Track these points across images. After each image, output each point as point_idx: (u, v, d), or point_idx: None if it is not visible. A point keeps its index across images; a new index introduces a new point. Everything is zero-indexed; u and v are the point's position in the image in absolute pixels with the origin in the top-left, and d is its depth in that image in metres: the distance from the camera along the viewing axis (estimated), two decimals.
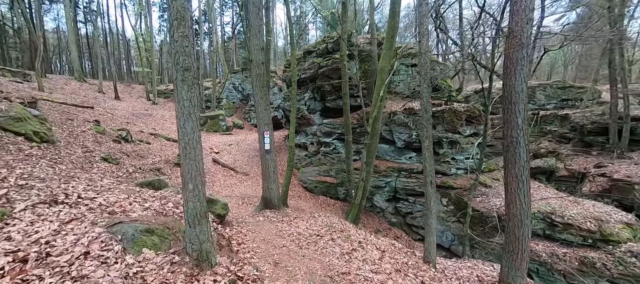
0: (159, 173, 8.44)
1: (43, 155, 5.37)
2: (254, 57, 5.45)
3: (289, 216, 5.81)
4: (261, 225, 4.90)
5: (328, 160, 12.33)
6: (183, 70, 2.67)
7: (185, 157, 2.78)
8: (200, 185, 2.88)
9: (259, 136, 5.87)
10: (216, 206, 4.42)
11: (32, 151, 5.35)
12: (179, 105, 2.72)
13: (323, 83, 12.46)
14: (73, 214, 2.90)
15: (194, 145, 2.80)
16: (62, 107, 12.52)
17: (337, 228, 5.45)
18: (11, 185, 3.46)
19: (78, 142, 7.91)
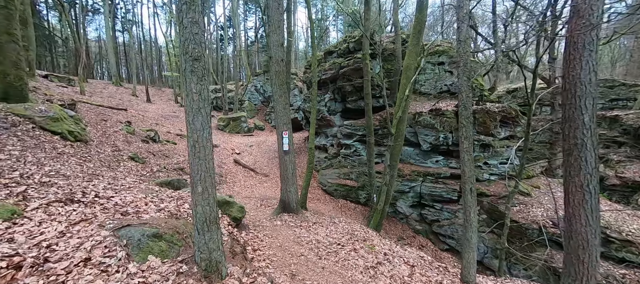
0: (181, 172, 8.50)
1: (74, 153, 5.49)
2: (273, 53, 5.20)
3: (307, 221, 5.46)
4: (278, 229, 4.59)
5: (348, 162, 11.86)
6: (192, 60, 2.41)
7: (194, 156, 2.52)
8: (210, 188, 2.61)
9: (278, 136, 5.60)
10: (232, 208, 4.18)
11: (65, 150, 5.48)
12: (188, 98, 2.47)
13: (344, 83, 12.05)
14: (84, 214, 2.75)
15: (204, 143, 2.54)
16: (99, 108, 13.24)
17: (359, 237, 5.01)
18: (35, 182, 3.44)
19: (109, 142, 8.16)
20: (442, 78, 10.96)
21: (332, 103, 13.00)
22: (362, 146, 11.49)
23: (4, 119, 5.63)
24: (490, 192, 8.48)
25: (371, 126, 9.27)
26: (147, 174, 6.60)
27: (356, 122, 11.61)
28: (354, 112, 12.61)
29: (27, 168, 3.62)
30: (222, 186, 9.64)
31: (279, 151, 5.70)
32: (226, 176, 10.96)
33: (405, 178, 9.68)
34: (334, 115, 13.04)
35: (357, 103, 12.27)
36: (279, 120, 5.63)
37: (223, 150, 14.23)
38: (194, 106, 2.47)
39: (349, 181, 11.18)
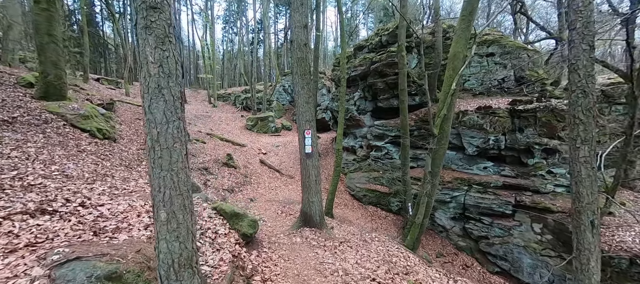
0: (206, 173, 8.25)
1: (95, 151, 5.36)
2: (295, 36, 4.43)
3: (333, 239, 4.57)
4: (298, 250, 3.84)
5: (379, 166, 10.83)
6: (147, 9, 1.65)
7: (154, 165, 1.75)
8: (181, 213, 1.83)
9: (299, 136, 4.83)
10: (242, 222, 3.52)
11: (88, 147, 5.37)
12: (142, 71, 1.73)
13: (375, 80, 11.04)
14: (37, 235, 2.19)
15: (169, 143, 1.76)
16: (138, 108, 13.82)
17: (399, 267, 4.05)
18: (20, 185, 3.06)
19: (139, 140, 8.18)
20: (492, 71, 9.44)
21: (362, 101, 12.05)
22: (394, 148, 10.39)
23: (38, 116, 5.68)
24: (557, 207, 6.91)
25: (406, 126, 8.18)
26: None
27: (388, 122, 10.54)
28: (385, 112, 11.54)
29: (31, 167, 3.35)
30: (246, 187, 9.26)
31: (301, 153, 4.92)
32: (251, 177, 10.61)
33: (445, 186, 8.42)
34: (363, 115, 12.08)
35: (389, 101, 11.18)
36: (300, 117, 4.78)
37: (250, 150, 14.03)
38: (151, 84, 1.69)
39: (379, 187, 10.16)
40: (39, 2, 6.87)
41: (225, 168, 9.82)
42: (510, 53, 9.10)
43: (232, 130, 17.86)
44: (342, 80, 8.55)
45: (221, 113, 21.99)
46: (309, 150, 4.61)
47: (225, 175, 9.09)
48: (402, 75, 8.04)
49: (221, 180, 8.30)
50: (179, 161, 1.83)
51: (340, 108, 8.58)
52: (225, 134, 16.03)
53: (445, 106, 5.72)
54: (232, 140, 14.59)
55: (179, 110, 1.87)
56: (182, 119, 1.91)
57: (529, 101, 7.74)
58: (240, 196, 7.66)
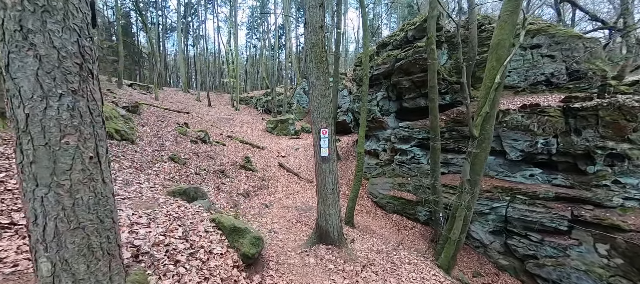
0: (222, 176, 7.97)
1: (109, 152, 5.21)
2: (309, 17, 3.74)
3: (354, 261, 3.79)
4: (310, 275, 3.17)
5: (404, 171, 9.93)
6: None
7: (24, 173, 1.12)
8: (85, 263, 1.20)
9: (314, 136, 4.14)
10: (243, 240, 2.91)
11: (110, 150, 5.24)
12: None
13: (400, 79, 10.21)
14: None
15: (53, 137, 1.12)
16: (164, 111, 14.16)
17: None
18: None
19: (158, 141, 8.13)
20: (537, 65, 8.23)
21: (385, 102, 11.24)
22: (422, 152, 9.46)
23: None
24: (629, 225, 5.65)
25: (437, 127, 7.30)
26: (181, 176, 6.07)
27: (415, 124, 9.65)
28: (411, 112, 10.64)
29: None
30: (263, 191, 8.87)
31: (316, 157, 4.17)
32: (269, 180, 10.24)
33: (483, 196, 7.37)
34: (387, 116, 11.26)
35: (415, 101, 10.29)
36: (315, 113, 3.99)
37: (269, 153, 13.75)
38: (7, 24, 1.06)
39: (405, 194, 9.27)
40: None
41: (242, 171, 9.53)
42: (561, 44, 7.86)
43: (253, 133, 17.80)
44: (364, 79, 7.89)
45: (243, 116, 22.17)
46: (326, 152, 3.98)
47: (242, 178, 8.78)
48: (432, 71, 7.19)
49: (237, 183, 7.97)
50: (76, 171, 1.15)
51: (363, 109, 7.92)
52: (246, 137, 15.97)
53: (487, 102, 4.84)
54: (252, 143, 14.42)
55: (77, 77, 1.15)
56: (87, 93, 1.20)
57: (588, 97, 6.51)
58: (255, 201, 7.25)
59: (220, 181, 7.24)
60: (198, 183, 5.82)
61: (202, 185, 5.76)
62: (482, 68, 9.56)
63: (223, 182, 7.31)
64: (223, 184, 7.18)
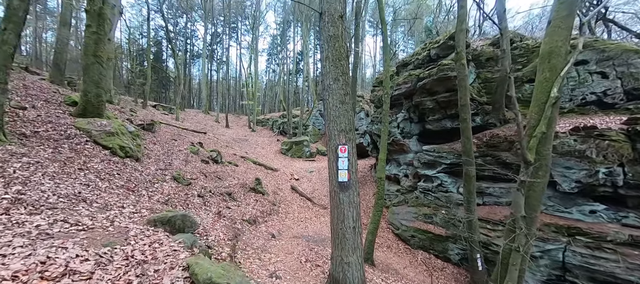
0: (228, 199, 7.31)
1: (103, 169, 4.72)
2: (326, 5, 3.04)
3: None
4: None
5: (430, 199, 8.78)
6: None
7: None
8: None
9: (329, 155, 3.26)
10: None
11: (96, 165, 4.77)
12: None
13: (423, 99, 9.42)
14: None
15: None
16: (179, 130, 14.15)
17: None
18: None
19: (166, 160, 7.72)
20: (585, 83, 7.17)
21: (407, 123, 10.39)
22: (450, 179, 8.35)
23: (62, 131, 5.39)
24: None
25: (470, 151, 6.30)
26: (176, 199, 5.43)
27: (441, 147, 8.64)
28: (435, 135, 9.69)
29: None
30: (272, 217, 8.06)
31: (331, 183, 3.28)
32: (280, 204, 9.44)
33: None
34: (409, 139, 10.34)
35: (440, 123, 9.37)
36: (331, 124, 3.15)
37: (282, 175, 13.07)
38: None
39: (432, 227, 8.06)
40: (90, 25, 7.10)
41: (252, 193, 8.84)
42: (613, 59, 6.82)
43: (267, 154, 17.36)
44: (385, 98, 7.21)
45: (258, 137, 22.01)
46: (345, 177, 3.10)
47: (250, 202, 8.06)
48: (463, 88, 6.36)
49: (244, 207, 7.25)
50: None
51: (383, 130, 7.15)
52: (260, 158, 15.50)
53: (542, 121, 3.90)
54: (265, 164, 13.87)
55: None
56: None
57: None
58: (262, 230, 6.43)
59: (226, 205, 6.55)
60: (198, 208, 5.15)
61: (201, 210, 5.06)
62: (518, 86, 8.62)
63: (228, 206, 6.62)
64: (228, 208, 6.47)
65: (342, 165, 3.17)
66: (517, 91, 8.72)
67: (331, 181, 3.35)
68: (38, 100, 6.57)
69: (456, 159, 8.05)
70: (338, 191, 3.24)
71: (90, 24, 7.07)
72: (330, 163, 3.32)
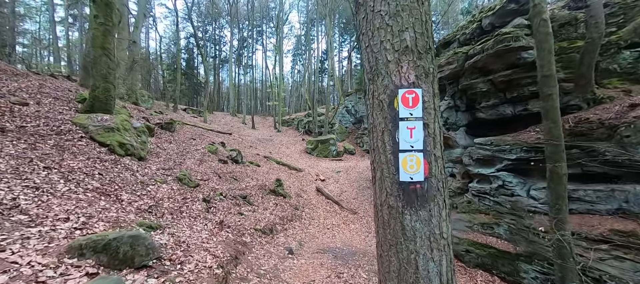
0: (241, 203, 6.28)
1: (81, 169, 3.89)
2: None
3: None
4: None
5: (488, 205, 6.94)
6: None
7: None
8: None
9: (372, 118, 1.55)
10: None
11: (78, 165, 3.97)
12: None
13: (473, 81, 7.60)
14: None
15: None
16: (202, 130, 13.76)
17: None
18: None
19: (177, 159, 6.98)
20: None
21: (452, 113, 8.59)
22: (517, 179, 6.43)
23: (56, 127, 4.74)
24: None
25: (560, 138, 4.45)
26: (170, 205, 4.45)
27: (502, 139, 6.75)
28: (488, 125, 7.81)
29: None
30: (293, 224, 6.88)
31: (379, 189, 1.53)
32: (303, 208, 8.25)
33: None
34: (454, 131, 8.53)
35: (496, 110, 7.48)
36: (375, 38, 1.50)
37: (306, 176, 11.92)
38: None
39: (494, 241, 6.24)
40: (97, 16, 6.58)
41: (271, 196, 7.77)
42: None
43: (291, 154, 16.39)
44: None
45: (283, 137, 21.25)
46: (417, 170, 1.40)
47: (269, 206, 6.97)
48: (544, 53, 4.56)
49: (261, 213, 6.16)
50: None
51: None
52: (284, 158, 14.57)
53: None
54: (289, 164, 12.85)
55: None
56: None
57: None
58: (279, 241, 5.27)
59: (237, 210, 5.51)
60: (195, 217, 4.12)
61: (198, 220, 4.00)
62: (611, 55, 6.43)
63: (241, 211, 5.56)
64: (240, 215, 5.42)
65: (410, 138, 1.47)
66: (611, 61, 6.52)
67: (380, 182, 1.69)
68: (48, 97, 6.15)
69: (525, 153, 6.14)
70: (400, 206, 1.46)
71: (97, 14, 6.53)
72: (375, 139, 1.68)
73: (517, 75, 6.69)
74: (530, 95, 6.82)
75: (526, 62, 6.49)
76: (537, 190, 6.08)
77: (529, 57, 6.42)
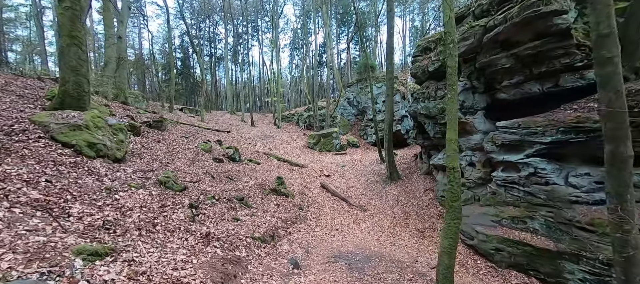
0: (238, 206, 5.46)
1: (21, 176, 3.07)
2: None
3: None
4: None
5: (517, 196, 6.09)
6: None
7: None
8: None
9: None
10: None
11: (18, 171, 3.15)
12: None
13: (493, 57, 6.71)
14: None
15: None
16: (197, 128, 12.89)
17: None
18: None
19: (164, 159, 6.15)
20: None
21: (468, 95, 7.71)
22: (551, 166, 5.57)
23: (9, 126, 3.90)
24: None
25: (623, 116, 3.57)
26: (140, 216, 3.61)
27: (532, 120, 5.87)
28: (510, 108, 6.97)
29: None
30: (298, 226, 6.08)
31: None
32: (308, 208, 7.45)
33: None
34: (472, 116, 7.65)
35: (521, 89, 6.62)
36: None
37: (310, 172, 11.10)
38: None
39: (528, 236, 5.40)
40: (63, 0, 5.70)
41: (272, 196, 6.97)
42: None
43: (293, 150, 15.56)
44: (450, 47, 4.75)
45: (284, 133, 20.40)
46: None
47: (269, 207, 6.16)
48: (599, 4, 3.63)
49: (260, 216, 5.35)
50: None
51: (450, 99, 4.73)
52: (285, 154, 13.74)
53: None
54: (290, 161, 12.03)
55: None
56: None
57: None
58: (282, 250, 4.46)
59: (232, 216, 4.69)
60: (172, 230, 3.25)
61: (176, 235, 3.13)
62: None
63: (237, 216, 4.75)
64: (235, 221, 4.60)
65: None
66: None
67: None
68: (11, 95, 5.30)
69: (563, 135, 5.27)
70: None
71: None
72: None
73: (548, 46, 5.79)
74: (562, 68, 5.92)
75: (559, 30, 5.58)
76: (579, 177, 5.23)
77: (563, 23, 5.51)
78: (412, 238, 6.56)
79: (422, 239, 6.56)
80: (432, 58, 9.06)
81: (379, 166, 11.38)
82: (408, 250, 6.02)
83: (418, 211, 7.75)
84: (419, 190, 8.88)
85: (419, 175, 10.00)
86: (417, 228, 7.03)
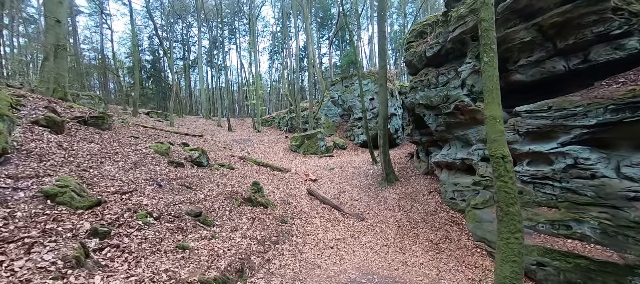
0: (190, 225, 3.68)
1: None
2: None
3: None
4: None
5: (552, 193, 4.90)
6: None
7: None
8: None
9: None
10: None
11: None
12: None
13: (509, 30, 5.65)
14: None
15: None
16: (155, 131, 10.70)
17: None
18: None
19: (79, 162, 4.23)
20: None
21: (478, 78, 6.57)
22: (596, 154, 4.42)
23: None
24: None
25: None
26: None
27: (567, 100, 4.75)
28: (525, 90, 5.92)
29: None
30: (279, 248, 4.39)
31: None
32: (293, 220, 5.77)
33: None
34: (482, 102, 6.47)
35: (542, 67, 5.57)
36: None
37: (294, 176, 9.43)
38: None
39: (579, 245, 4.16)
40: None
41: (246, 207, 5.24)
42: None
43: (274, 153, 13.78)
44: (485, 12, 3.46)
45: (264, 136, 18.55)
46: None
47: (240, 223, 4.44)
48: None
49: (224, 238, 3.63)
50: None
51: (486, 68, 3.44)
52: (265, 158, 11.96)
53: None
54: (271, 165, 10.29)
55: None
56: None
57: None
58: None
59: (177, 242, 2.96)
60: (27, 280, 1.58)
61: None
62: None
63: (185, 243, 3.02)
64: (182, 250, 2.87)
65: None
66: None
67: None
68: None
69: (612, 115, 4.15)
70: None
71: None
72: None
73: (580, 11, 4.75)
74: (594, 39, 4.92)
75: None
76: (635, 166, 4.11)
77: None
78: (426, 254, 5.12)
79: (438, 254, 5.13)
80: (429, 42, 7.93)
81: (372, 167, 10.00)
82: (425, 270, 4.55)
83: (426, 218, 6.36)
84: (422, 192, 7.55)
85: (418, 175, 8.72)
86: (428, 239, 5.60)
